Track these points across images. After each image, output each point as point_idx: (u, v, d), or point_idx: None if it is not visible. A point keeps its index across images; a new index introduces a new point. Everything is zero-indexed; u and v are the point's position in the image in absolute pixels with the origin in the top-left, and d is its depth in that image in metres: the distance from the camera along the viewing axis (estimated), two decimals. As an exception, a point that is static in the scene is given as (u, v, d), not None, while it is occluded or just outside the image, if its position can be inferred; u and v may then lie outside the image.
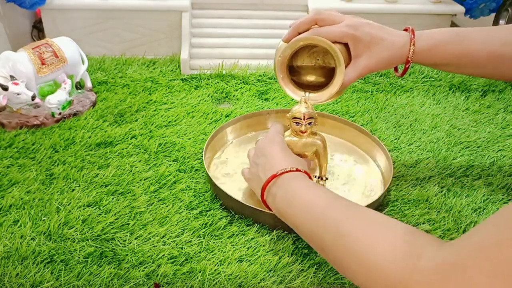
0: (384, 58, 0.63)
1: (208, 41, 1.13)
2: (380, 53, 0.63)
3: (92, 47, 1.11)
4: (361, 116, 0.92)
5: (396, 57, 0.63)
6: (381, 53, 0.63)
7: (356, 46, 0.62)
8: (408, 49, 0.63)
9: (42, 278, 0.56)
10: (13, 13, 1.13)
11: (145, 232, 0.63)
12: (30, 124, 0.84)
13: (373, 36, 0.62)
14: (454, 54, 0.63)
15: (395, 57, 0.63)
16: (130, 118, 0.88)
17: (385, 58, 0.63)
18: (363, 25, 0.62)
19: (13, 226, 0.63)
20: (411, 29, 0.64)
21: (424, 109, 0.95)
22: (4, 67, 0.82)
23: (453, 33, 0.63)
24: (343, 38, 0.62)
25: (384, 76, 1.06)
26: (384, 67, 0.65)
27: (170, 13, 1.10)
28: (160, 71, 1.06)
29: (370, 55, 0.62)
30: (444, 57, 0.64)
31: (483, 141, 0.85)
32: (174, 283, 0.57)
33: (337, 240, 0.46)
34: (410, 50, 0.63)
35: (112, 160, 0.77)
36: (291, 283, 0.58)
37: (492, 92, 1.02)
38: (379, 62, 0.63)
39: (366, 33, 0.62)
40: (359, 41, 0.62)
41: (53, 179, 0.72)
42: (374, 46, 0.62)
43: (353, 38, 0.62)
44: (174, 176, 0.74)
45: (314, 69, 0.69)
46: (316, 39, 0.61)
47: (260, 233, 0.64)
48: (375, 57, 0.63)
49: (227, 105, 0.96)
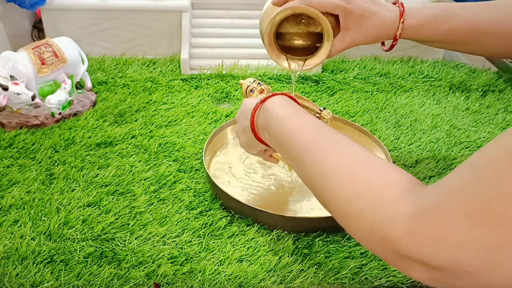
0: (373, 33, 0.63)
1: (208, 41, 1.13)
2: (369, 28, 0.63)
3: (92, 47, 1.11)
4: (361, 116, 0.92)
5: (384, 34, 0.64)
6: (370, 29, 0.63)
7: (346, 19, 0.62)
8: (397, 27, 0.63)
9: (42, 278, 0.56)
10: (13, 13, 1.13)
11: (145, 232, 0.63)
12: (30, 124, 0.84)
13: (365, 10, 0.61)
14: (441, 32, 0.63)
15: (384, 33, 0.64)
16: (130, 118, 0.88)
17: (374, 34, 0.64)
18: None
19: (13, 226, 0.63)
20: (401, 2, 0.64)
21: (424, 109, 0.95)
22: (4, 67, 0.82)
23: (441, 9, 0.63)
24: (335, 10, 0.61)
25: (384, 76, 1.06)
26: (371, 41, 0.65)
27: (170, 13, 1.10)
28: (160, 71, 1.06)
29: (358, 30, 0.62)
30: (432, 35, 0.64)
31: (483, 141, 0.85)
32: (174, 283, 0.57)
33: (322, 178, 0.46)
34: (399, 28, 0.63)
35: (112, 160, 0.77)
36: (291, 283, 0.58)
37: (492, 92, 1.02)
38: (367, 37, 0.63)
39: (358, 6, 0.61)
40: (349, 14, 0.61)
41: (53, 179, 0.72)
42: (364, 20, 0.62)
43: (344, 10, 0.61)
44: (174, 176, 0.74)
45: (298, 34, 0.68)
46: (308, 10, 0.60)
47: (260, 233, 0.64)
48: (364, 32, 0.63)
49: (227, 105, 0.96)
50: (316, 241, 0.63)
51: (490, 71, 1.10)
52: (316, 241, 0.63)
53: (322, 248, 0.62)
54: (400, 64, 1.11)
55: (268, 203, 0.70)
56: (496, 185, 0.32)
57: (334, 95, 1.00)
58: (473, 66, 1.13)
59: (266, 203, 0.70)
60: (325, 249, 0.62)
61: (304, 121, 0.53)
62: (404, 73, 1.07)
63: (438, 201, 0.36)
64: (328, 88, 1.02)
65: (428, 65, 1.11)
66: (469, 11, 0.63)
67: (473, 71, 1.09)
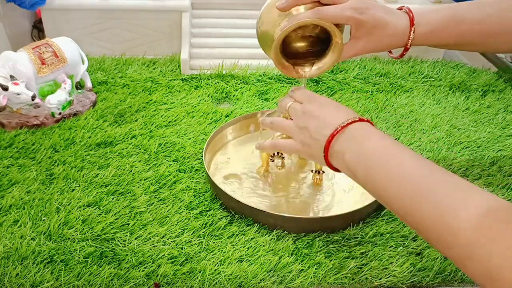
0: (384, 43, 0.63)
1: (208, 41, 1.13)
2: (380, 39, 0.62)
3: (92, 47, 1.11)
4: (361, 116, 0.92)
5: (394, 43, 0.63)
6: (381, 39, 0.62)
7: (358, 29, 0.61)
8: (407, 36, 0.62)
9: (42, 278, 0.56)
10: (13, 13, 1.13)
11: (145, 232, 0.63)
12: (30, 124, 0.84)
13: (377, 20, 0.61)
14: (451, 37, 0.64)
15: (394, 43, 0.63)
16: (130, 118, 0.88)
17: (385, 43, 0.63)
18: (368, 7, 0.61)
19: (13, 226, 0.63)
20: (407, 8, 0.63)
21: (424, 109, 0.95)
22: (4, 67, 0.82)
23: (449, 15, 0.63)
24: (348, 21, 0.61)
25: (384, 76, 1.06)
26: (381, 50, 0.65)
27: (170, 13, 1.10)
28: (160, 71, 1.06)
29: (369, 39, 0.62)
30: (442, 40, 0.64)
31: (483, 141, 0.85)
32: (174, 283, 0.57)
33: (422, 204, 0.44)
34: (410, 38, 0.62)
35: (112, 160, 0.77)
36: (291, 283, 0.58)
37: (492, 92, 1.02)
38: (378, 46, 0.63)
39: (371, 16, 0.60)
40: (362, 25, 0.60)
41: (53, 179, 0.72)
42: (375, 31, 0.61)
43: (357, 22, 0.60)
44: (174, 176, 0.74)
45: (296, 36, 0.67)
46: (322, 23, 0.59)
47: (260, 233, 0.64)
48: (375, 41, 0.62)
49: (227, 105, 0.96)
50: (316, 241, 0.63)
51: (490, 71, 1.10)
52: (316, 241, 0.63)
53: (322, 248, 0.62)
54: (400, 64, 1.11)
55: (268, 203, 0.70)
56: None
57: (334, 95, 1.00)
58: (473, 66, 1.13)
59: (266, 203, 0.70)
60: (325, 249, 0.62)
61: (408, 161, 0.49)
62: (404, 73, 1.07)
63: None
64: (328, 88, 1.02)
65: (428, 65, 1.11)
66: (476, 14, 0.63)
67: (473, 71, 1.09)
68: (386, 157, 0.50)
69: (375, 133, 0.53)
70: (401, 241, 0.63)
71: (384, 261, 0.60)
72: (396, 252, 0.61)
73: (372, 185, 0.50)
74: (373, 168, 0.50)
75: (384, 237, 0.64)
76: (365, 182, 0.51)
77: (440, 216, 0.43)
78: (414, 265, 0.60)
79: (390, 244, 0.63)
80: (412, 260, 0.60)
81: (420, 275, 0.59)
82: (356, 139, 0.52)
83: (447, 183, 0.45)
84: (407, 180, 0.47)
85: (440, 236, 0.43)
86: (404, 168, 0.48)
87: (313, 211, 0.69)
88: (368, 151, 0.51)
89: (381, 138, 0.52)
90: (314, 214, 0.68)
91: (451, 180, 0.45)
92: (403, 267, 0.59)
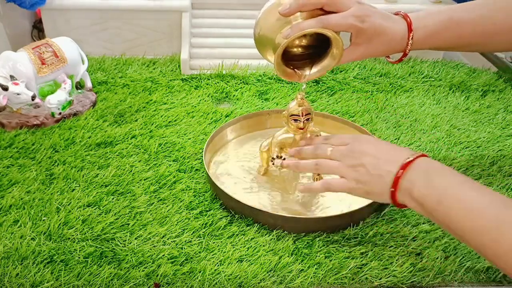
0: (382, 50, 0.64)
1: (208, 41, 1.13)
2: (379, 45, 0.63)
3: (92, 47, 1.11)
4: (361, 116, 0.92)
5: (393, 49, 0.65)
6: (380, 46, 0.63)
7: (358, 37, 0.62)
8: (406, 42, 0.63)
9: (42, 278, 0.56)
10: (13, 13, 1.13)
11: (145, 232, 0.63)
12: (30, 124, 0.84)
13: (376, 27, 0.62)
14: (449, 41, 0.65)
15: (393, 48, 0.64)
16: (130, 118, 0.88)
17: (383, 49, 0.64)
18: (368, 15, 0.62)
19: (13, 226, 0.63)
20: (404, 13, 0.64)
21: (424, 109, 0.95)
22: (4, 67, 0.82)
23: (446, 18, 0.64)
24: (349, 29, 0.62)
25: (384, 76, 1.06)
26: (380, 55, 0.67)
27: (170, 13, 1.10)
28: (160, 71, 1.06)
29: (368, 46, 0.63)
30: (440, 44, 0.65)
31: (483, 141, 0.85)
32: (174, 283, 0.57)
33: (499, 239, 0.46)
34: (409, 44, 0.63)
35: (112, 160, 0.77)
36: (291, 283, 0.58)
37: (492, 92, 1.02)
38: (377, 51, 0.64)
39: (371, 24, 0.61)
40: (362, 33, 0.62)
41: (53, 179, 0.72)
42: (375, 38, 0.62)
43: (358, 30, 0.61)
44: (174, 176, 0.74)
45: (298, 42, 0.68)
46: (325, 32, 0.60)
47: (260, 233, 0.64)
48: (374, 47, 0.63)
49: (227, 105, 0.96)
50: (316, 241, 0.63)
51: (490, 71, 1.10)
52: (316, 241, 0.63)
53: (322, 248, 0.62)
54: (400, 64, 1.11)
55: (269, 204, 0.70)
56: None
57: (334, 95, 1.00)
58: (473, 66, 1.13)
59: (266, 203, 0.70)
60: (325, 249, 0.62)
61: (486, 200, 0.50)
62: (404, 73, 1.07)
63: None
64: (328, 88, 1.02)
65: (428, 65, 1.11)
66: (473, 15, 0.63)
67: (473, 71, 1.09)
68: (459, 192, 0.51)
69: (443, 167, 0.54)
70: (401, 241, 0.63)
71: (384, 261, 0.60)
72: (396, 252, 0.61)
73: (444, 219, 0.51)
74: (445, 204, 0.51)
75: (384, 237, 0.64)
76: (437, 216, 0.52)
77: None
78: (414, 265, 0.60)
79: (390, 244, 0.63)
80: (412, 260, 0.60)
81: (420, 275, 0.59)
82: (427, 173, 0.53)
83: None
84: (483, 217, 0.48)
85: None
86: (478, 204, 0.49)
87: (313, 211, 0.69)
88: (441, 186, 0.52)
89: (452, 174, 0.53)
90: (314, 214, 0.68)
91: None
92: (403, 267, 0.59)
